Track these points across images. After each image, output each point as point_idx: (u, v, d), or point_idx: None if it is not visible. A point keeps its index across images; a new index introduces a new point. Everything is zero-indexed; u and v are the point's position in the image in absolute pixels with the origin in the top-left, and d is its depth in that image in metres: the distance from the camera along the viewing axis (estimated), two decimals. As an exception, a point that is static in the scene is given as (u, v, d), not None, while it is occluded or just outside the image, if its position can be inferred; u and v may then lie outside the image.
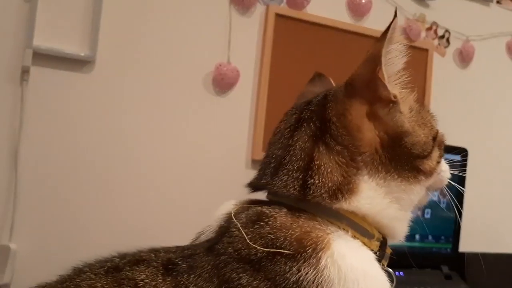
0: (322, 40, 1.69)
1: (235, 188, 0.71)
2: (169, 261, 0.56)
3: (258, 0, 1.64)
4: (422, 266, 1.59)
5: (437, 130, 0.70)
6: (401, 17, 1.87)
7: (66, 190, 1.40)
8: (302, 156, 0.62)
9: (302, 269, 0.52)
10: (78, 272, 0.57)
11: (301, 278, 0.52)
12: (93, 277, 0.55)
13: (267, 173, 0.64)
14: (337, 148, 0.61)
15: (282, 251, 0.53)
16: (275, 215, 0.58)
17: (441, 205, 1.60)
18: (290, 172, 0.61)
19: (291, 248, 0.54)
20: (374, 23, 1.80)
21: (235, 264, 0.54)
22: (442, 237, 1.64)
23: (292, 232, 0.55)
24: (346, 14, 1.77)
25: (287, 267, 0.53)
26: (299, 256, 0.53)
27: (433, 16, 1.93)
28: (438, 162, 0.67)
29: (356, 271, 0.55)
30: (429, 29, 1.94)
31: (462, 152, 1.61)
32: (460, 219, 1.64)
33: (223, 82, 1.59)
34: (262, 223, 0.56)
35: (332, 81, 0.80)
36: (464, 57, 1.99)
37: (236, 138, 1.62)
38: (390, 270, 0.65)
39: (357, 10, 1.78)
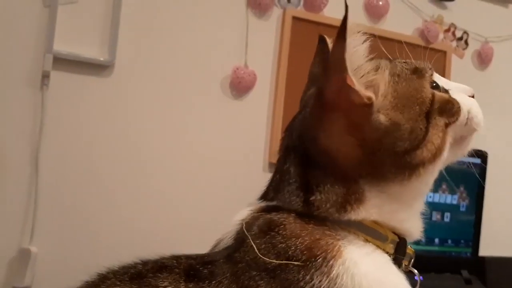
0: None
1: (253, 191, 0.71)
2: (190, 268, 0.56)
3: (275, 4, 1.65)
4: (441, 270, 1.57)
5: (432, 95, 0.61)
6: (419, 19, 1.86)
7: (86, 194, 1.42)
8: (298, 179, 0.61)
9: (314, 278, 0.52)
10: (102, 278, 0.57)
11: (314, 287, 0.52)
12: (118, 283, 0.56)
13: (271, 190, 0.64)
14: (327, 169, 0.59)
15: (293, 262, 0.53)
16: (284, 223, 0.57)
17: (461, 209, 1.59)
18: (291, 192, 0.60)
19: (302, 257, 0.54)
20: (391, 25, 1.79)
21: (252, 272, 0.54)
22: (462, 241, 1.62)
23: (302, 241, 0.55)
24: (363, 16, 1.77)
25: (300, 275, 0.53)
26: (310, 265, 0.53)
27: (451, 18, 1.92)
28: (444, 133, 0.60)
29: (371, 278, 0.54)
30: (447, 30, 1.92)
31: (482, 155, 1.59)
32: (480, 222, 1.63)
33: (240, 86, 1.59)
34: (273, 233, 0.56)
35: (329, 46, 0.70)
36: (483, 59, 1.97)
37: (253, 141, 1.62)
38: (414, 270, 0.63)
39: (375, 12, 1.77)
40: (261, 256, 0.54)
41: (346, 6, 0.55)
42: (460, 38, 1.95)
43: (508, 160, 1.93)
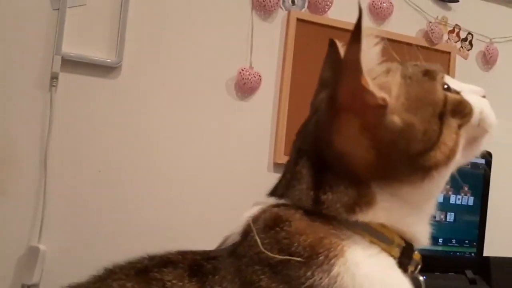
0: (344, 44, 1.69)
1: (258, 191, 0.72)
2: (195, 263, 0.57)
3: (280, 6, 1.66)
4: (445, 270, 1.57)
5: (445, 96, 0.60)
6: (423, 20, 1.87)
7: (94, 193, 1.44)
8: (310, 180, 0.61)
9: (315, 275, 0.53)
10: (109, 272, 0.58)
11: (315, 283, 0.52)
12: (124, 277, 0.57)
13: (281, 187, 0.64)
14: (340, 172, 0.59)
15: (295, 258, 0.54)
16: (290, 219, 0.58)
17: (465, 209, 1.59)
18: (302, 190, 0.61)
19: (305, 254, 0.54)
20: (396, 27, 1.80)
21: (255, 266, 0.55)
22: (466, 241, 1.62)
23: (306, 238, 0.55)
24: (367, 18, 1.78)
25: (302, 272, 0.53)
26: (312, 262, 0.53)
27: (455, 19, 1.92)
28: (458, 134, 0.60)
29: (372, 280, 0.54)
30: (451, 31, 1.92)
31: (487, 155, 1.59)
32: (485, 222, 1.63)
33: (245, 87, 1.61)
34: (277, 229, 0.57)
35: (340, 50, 0.71)
36: (488, 60, 1.97)
37: (259, 141, 1.64)
38: (420, 277, 0.63)
39: (379, 14, 1.78)
40: (264, 250, 0.55)
41: (360, 9, 0.56)
42: (465, 39, 1.95)
43: (513, 160, 1.93)
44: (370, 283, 0.54)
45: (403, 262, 0.60)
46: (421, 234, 0.63)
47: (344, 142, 0.59)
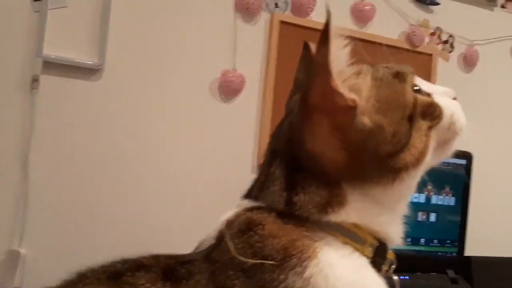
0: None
1: (241, 193, 0.72)
2: (168, 267, 0.57)
3: (263, 8, 1.67)
4: (427, 270, 1.59)
5: (414, 98, 0.61)
6: (405, 23, 1.89)
7: (76, 197, 1.43)
8: (283, 181, 0.61)
9: (289, 277, 0.53)
10: (81, 277, 0.57)
11: (289, 286, 0.53)
12: (95, 282, 0.56)
13: (256, 189, 0.64)
14: (312, 172, 0.60)
15: (268, 262, 0.54)
16: (263, 222, 0.58)
17: (447, 209, 1.61)
18: (275, 192, 0.61)
19: (278, 257, 0.54)
20: (378, 29, 1.82)
21: (229, 271, 0.55)
22: (448, 241, 1.64)
23: (279, 241, 0.55)
24: (350, 20, 1.79)
25: (275, 275, 0.53)
26: (285, 264, 0.54)
27: (436, 22, 1.94)
28: (428, 137, 0.60)
29: (345, 280, 0.54)
30: (432, 34, 1.95)
31: (467, 156, 1.62)
32: (466, 222, 1.65)
33: (229, 89, 1.61)
34: (251, 233, 0.57)
35: (313, 52, 0.70)
36: (469, 62, 2.00)
37: (242, 144, 1.64)
38: (394, 276, 0.63)
39: (361, 17, 1.80)
40: (237, 255, 0.55)
41: (328, 11, 0.57)
42: (446, 42, 1.98)
43: (493, 161, 1.96)
44: (343, 283, 0.54)
45: (377, 262, 0.61)
46: (394, 234, 0.64)
47: (316, 142, 0.59)
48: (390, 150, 0.58)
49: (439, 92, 0.66)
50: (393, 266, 0.64)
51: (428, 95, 0.64)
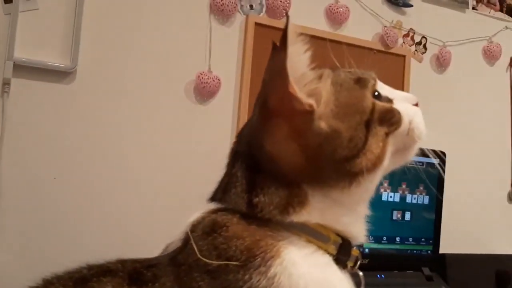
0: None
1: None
2: (134, 271, 0.57)
3: (238, 10, 1.67)
4: (403, 268, 1.61)
5: (373, 104, 0.62)
6: (379, 24, 1.91)
7: (47, 201, 1.41)
8: (244, 182, 0.62)
9: (253, 277, 0.54)
10: (46, 283, 0.57)
11: (253, 286, 0.53)
12: None
13: (220, 191, 0.65)
14: (272, 174, 0.60)
15: (232, 262, 0.54)
16: (227, 224, 0.58)
17: (421, 208, 1.64)
18: (237, 194, 0.61)
19: (242, 257, 0.55)
20: (352, 31, 1.84)
21: (194, 273, 0.55)
22: (423, 239, 1.66)
23: (242, 242, 0.56)
24: (324, 22, 1.80)
25: (239, 275, 0.54)
26: (249, 264, 0.54)
27: (409, 23, 1.98)
28: (384, 142, 0.61)
29: (308, 278, 0.55)
30: (406, 35, 1.98)
31: (441, 155, 1.64)
32: (440, 220, 1.68)
33: (204, 91, 1.61)
34: (215, 234, 0.58)
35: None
36: (441, 63, 2.03)
37: (218, 145, 1.62)
38: (359, 272, 0.64)
39: (335, 19, 1.82)
40: (201, 257, 0.55)
41: (287, 15, 0.58)
42: (419, 43, 2.01)
43: (466, 159, 2.00)
44: (306, 281, 0.55)
45: (341, 259, 0.62)
46: (357, 233, 0.65)
47: (274, 145, 0.60)
48: (347, 154, 0.59)
49: (400, 98, 0.66)
50: (359, 262, 0.65)
51: (390, 100, 0.65)
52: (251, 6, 1.69)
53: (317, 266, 0.58)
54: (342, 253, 0.62)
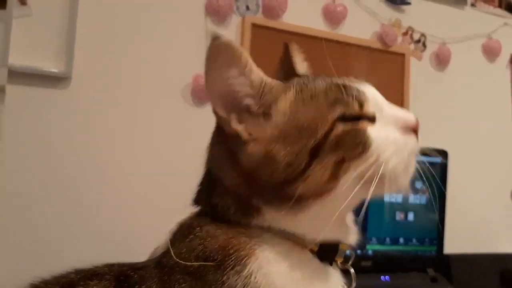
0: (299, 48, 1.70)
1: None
2: (121, 273, 0.58)
3: (234, 11, 1.65)
4: (407, 269, 1.59)
5: (331, 125, 0.56)
6: (377, 23, 1.89)
7: (44, 208, 1.39)
8: (209, 189, 0.63)
9: (231, 277, 0.54)
10: None
11: (231, 285, 0.53)
12: None
13: (197, 195, 0.67)
14: (226, 189, 0.60)
15: (209, 263, 0.55)
16: (201, 225, 0.59)
17: (424, 208, 1.62)
18: (206, 198, 0.63)
19: (218, 257, 0.55)
20: (350, 30, 1.82)
21: (177, 275, 0.55)
22: (427, 240, 1.64)
23: (216, 240, 0.56)
24: (322, 22, 1.79)
25: (218, 276, 0.54)
26: (225, 264, 0.54)
27: (408, 21, 1.96)
28: (336, 171, 0.55)
29: (285, 276, 0.55)
30: (405, 34, 1.96)
31: (443, 154, 1.62)
32: (444, 220, 1.66)
33: (201, 93, 1.59)
34: (192, 236, 0.58)
35: (297, 54, 0.74)
36: (441, 60, 2.02)
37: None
38: (351, 269, 0.63)
39: (333, 18, 1.80)
40: (179, 260, 0.56)
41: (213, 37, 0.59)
42: (418, 41, 1.99)
43: (468, 158, 1.98)
44: (282, 280, 0.55)
45: (325, 255, 0.60)
46: (338, 238, 0.61)
47: (215, 163, 0.63)
48: (285, 178, 0.56)
49: (389, 121, 0.59)
50: (351, 259, 0.63)
51: (372, 120, 0.58)
52: (247, 7, 1.67)
53: (294, 264, 0.57)
54: (326, 249, 0.60)
